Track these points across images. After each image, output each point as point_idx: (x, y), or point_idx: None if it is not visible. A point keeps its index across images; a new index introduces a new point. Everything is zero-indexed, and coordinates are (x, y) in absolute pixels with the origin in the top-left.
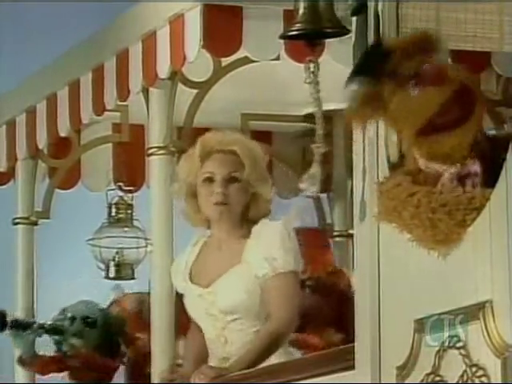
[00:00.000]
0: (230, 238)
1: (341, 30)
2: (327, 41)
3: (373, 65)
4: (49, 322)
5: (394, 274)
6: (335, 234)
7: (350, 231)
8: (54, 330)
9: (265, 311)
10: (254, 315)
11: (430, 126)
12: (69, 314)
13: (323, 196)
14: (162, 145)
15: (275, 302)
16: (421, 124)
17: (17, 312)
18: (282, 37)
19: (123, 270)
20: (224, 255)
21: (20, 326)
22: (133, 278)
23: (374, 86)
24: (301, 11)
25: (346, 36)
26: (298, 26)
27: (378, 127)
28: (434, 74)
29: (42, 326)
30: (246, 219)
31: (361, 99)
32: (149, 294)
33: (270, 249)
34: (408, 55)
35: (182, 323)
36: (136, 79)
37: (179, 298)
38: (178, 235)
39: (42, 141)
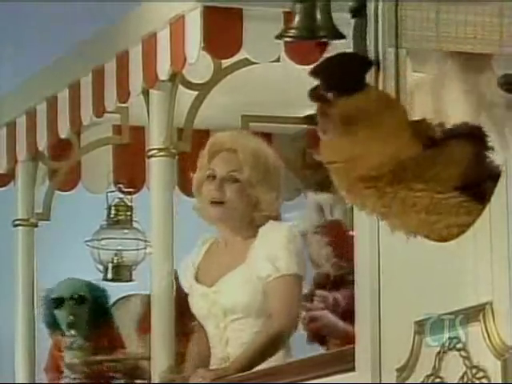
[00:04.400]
0: (235, 238)
1: (336, 36)
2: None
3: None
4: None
5: (395, 275)
6: None
7: (350, 232)
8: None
9: (266, 312)
10: (255, 315)
11: None
12: (55, 295)
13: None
14: (162, 146)
15: (276, 304)
16: None
17: (17, 313)
18: (279, 37)
19: (121, 271)
20: (229, 254)
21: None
22: (131, 280)
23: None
24: (297, 18)
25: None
26: (292, 32)
27: None
28: None
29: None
30: (252, 221)
31: None
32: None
33: (273, 249)
34: None
35: (183, 324)
36: (136, 81)
37: (179, 299)
38: (178, 237)
39: (42, 142)
